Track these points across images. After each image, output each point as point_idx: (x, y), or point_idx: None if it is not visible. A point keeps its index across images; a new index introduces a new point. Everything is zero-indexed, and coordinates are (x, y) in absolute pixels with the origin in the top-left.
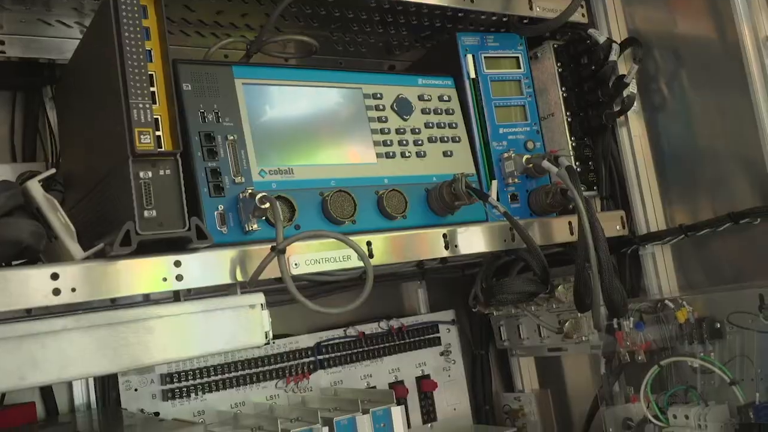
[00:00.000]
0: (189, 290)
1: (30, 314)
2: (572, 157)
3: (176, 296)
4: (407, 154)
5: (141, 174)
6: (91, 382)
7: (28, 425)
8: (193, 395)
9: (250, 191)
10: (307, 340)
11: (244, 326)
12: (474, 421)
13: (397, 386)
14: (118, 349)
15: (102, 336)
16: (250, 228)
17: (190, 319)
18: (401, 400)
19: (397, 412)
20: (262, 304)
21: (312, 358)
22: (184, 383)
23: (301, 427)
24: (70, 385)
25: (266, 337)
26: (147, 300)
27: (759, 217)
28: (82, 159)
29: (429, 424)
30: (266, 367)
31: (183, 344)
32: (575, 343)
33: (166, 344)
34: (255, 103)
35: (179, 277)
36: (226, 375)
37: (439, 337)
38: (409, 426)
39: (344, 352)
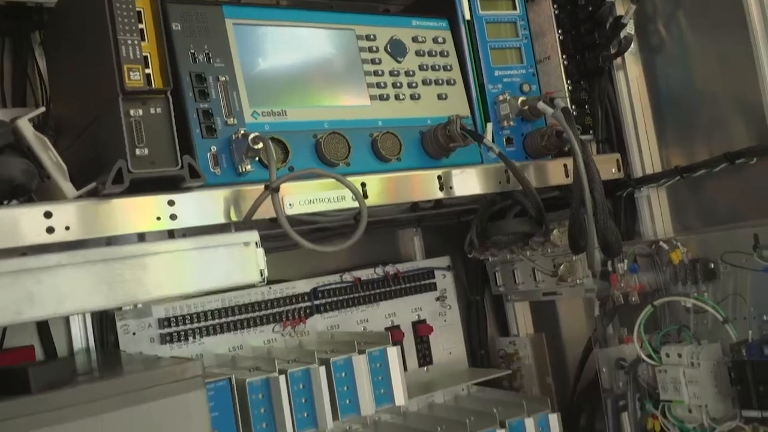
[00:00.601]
0: (184, 235)
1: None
2: (568, 100)
3: (170, 236)
4: (401, 97)
5: (131, 112)
6: (89, 325)
7: (26, 363)
8: (191, 339)
9: (242, 132)
10: (303, 286)
11: (239, 264)
12: (469, 364)
13: (394, 330)
14: (113, 285)
15: (97, 271)
16: (244, 169)
17: (184, 256)
18: (397, 343)
19: (392, 352)
20: (256, 242)
21: (309, 303)
22: (181, 327)
23: (298, 367)
24: (68, 328)
25: (261, 275)
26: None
27: (755, 157)
28: (72, 102)
29: (425, 368)
30: (263, 312)
31: (178, 281)
32: (570, 287)
33: (161, 281)
34: (246, 43)
35: (173, 217)
36: (224, 319)
37: (434, 283)
38: (405, 369)
39: (341, 297)
